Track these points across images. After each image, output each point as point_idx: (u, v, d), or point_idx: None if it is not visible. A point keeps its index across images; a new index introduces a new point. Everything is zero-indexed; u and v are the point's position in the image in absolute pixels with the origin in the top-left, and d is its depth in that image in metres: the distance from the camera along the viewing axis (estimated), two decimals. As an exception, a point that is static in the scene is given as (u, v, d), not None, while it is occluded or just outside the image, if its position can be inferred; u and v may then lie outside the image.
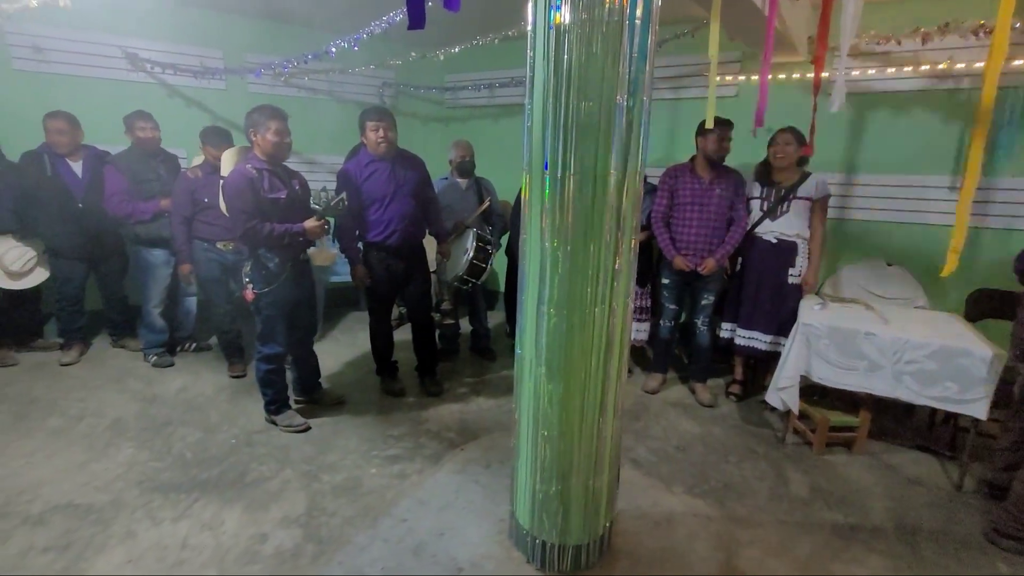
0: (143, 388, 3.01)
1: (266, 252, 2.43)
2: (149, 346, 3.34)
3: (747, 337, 3.01)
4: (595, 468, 1.68)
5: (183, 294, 3.39)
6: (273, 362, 2.59)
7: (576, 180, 1.44)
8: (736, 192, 2.89)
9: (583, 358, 1.56)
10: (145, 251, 3.22)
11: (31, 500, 2.03)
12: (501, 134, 4.67)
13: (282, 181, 2.46)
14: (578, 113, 1.39)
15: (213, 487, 2.16)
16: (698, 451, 2.59)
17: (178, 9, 3.74)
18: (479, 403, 3.03)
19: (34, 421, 2.61)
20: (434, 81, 4.74)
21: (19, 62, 3.39)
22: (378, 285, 2.92)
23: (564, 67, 1.36)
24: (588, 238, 1.47)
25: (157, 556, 1.78)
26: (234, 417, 2.73)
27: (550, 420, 1.62)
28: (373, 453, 2.47)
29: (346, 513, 2.05)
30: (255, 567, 1.76)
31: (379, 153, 2.72)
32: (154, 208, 3.11)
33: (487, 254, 3.23)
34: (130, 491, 2.11)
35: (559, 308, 1.53)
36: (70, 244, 3.13)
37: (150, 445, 2.45)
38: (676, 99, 3.81)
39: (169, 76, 3.81)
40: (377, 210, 2.79)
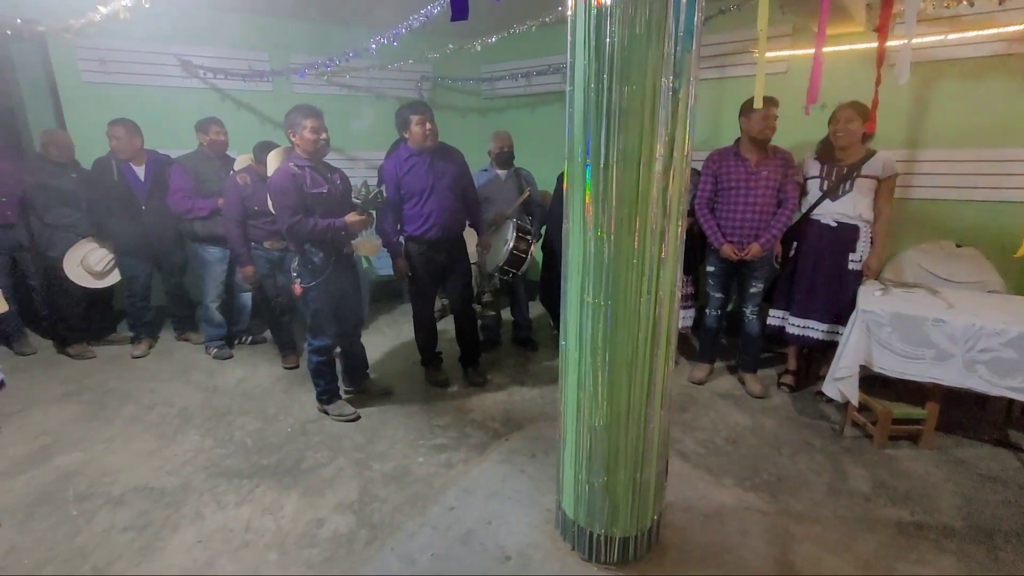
0: (206, 379, 3.19)
1: (311, 247, 2.52)
2: (209, 339, 3.53)
3: (801, 326, 2.87)
4: (642, 460, 1.65)
5: (239, 289, 3.57)
6: (323, 354, 2.69)
7: (619, 167, 1.40)
8: (785, 173, 2.75)
9: (629, 349, 1.54)
10: (202, 248, 3.39)
11: (112, 482, 2.20)
12: (539, 123, 4.63)
13: (323, 177, 2.53)
14: (621, 98, 1.36)
15: (272, 473, 2.27)
16: (749, 443, 2.51)
17: (227, 15, 3.88)
18: (522, 393, 3.05)
19: (111, 410, 2.82)
20: (471, 72, 4.74)
21: (87, 74, 3.62)
22: (419, 278, 2.97)
23: (605, 50, 1.33)
24: (632, 227, 1.44)
25: (224, 538, 1.90)
26: (289, 407, 2.86)
27: (595, 411, 1.60)
28: (420, 442, 2.53)
29: (396, 500, 2.11)
30: (313, 550, 1.84)
31: (425, 146, 2.75)
32: (212, 205, 3.28)
33: (528, 244, 3.23)
34: (197, 476, 2.25)
35: (603, 298, 1.51)
36: (136, 244, 3.34)
37: (214, 433, 2.60)
38: (720, 79, 3.66)
39: (220, 81, 3.98)
40: (416, 204, 2.82)
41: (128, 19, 2.46)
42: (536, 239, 3.40)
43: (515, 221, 3.24)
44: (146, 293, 3.52)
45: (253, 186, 3.07)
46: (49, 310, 3.50)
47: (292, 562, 1.79)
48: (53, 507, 2.04)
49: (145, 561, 1.78)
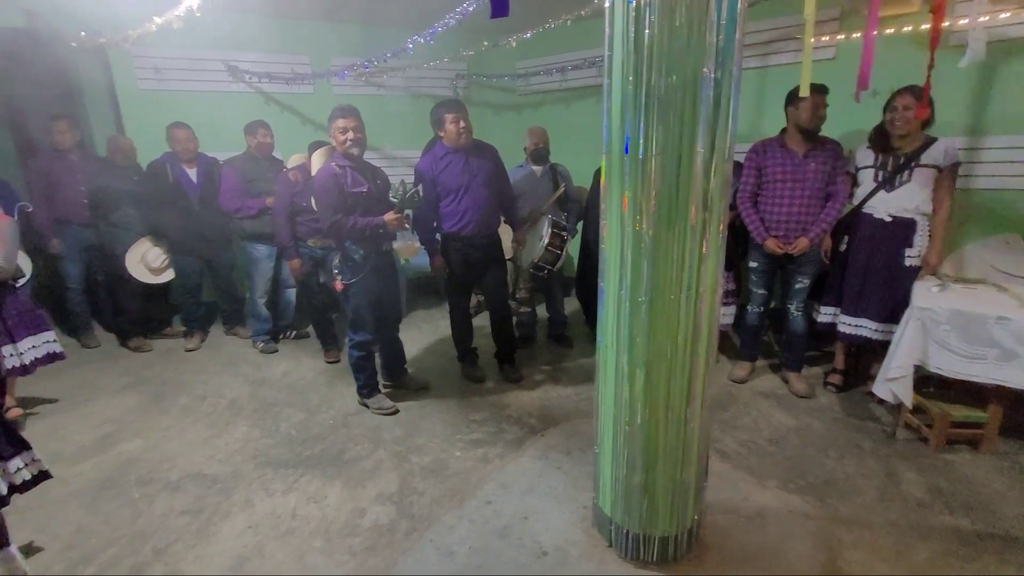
0: (253, 372, 3.33)
1: (352, 245, 2.58)
2: (256, 334, 3.68)
3: (852, 324, 2.75)
4: (682, 459, 1.62)
5: (284, 286, 3.70)
6: (363, 348, 2.76)
7: (658, 161, 1.38)
8: (835, 164, 2.64)
9: (668, 346, 1.51)
10: (250, 246, 3.54)
11: (169, 469, 2.33)
12: (574, 118, 4.59)
13: (364, 176, 2.59)
14: (659, 90, 1.33)
15: (316, 463, 2.36)
16: (793, 444, 2.43)
17: (270, 21, 4.02)
18: (558, 390, 3.04)
19: (168, 400, 2.98)
20: (505, 69, 4.75)
21: (143, 82, 3.82)
22: (456, 274, 3.00)
23: (644, 41, 1.30)
24: (672, 221, 1.41)
25: (272, 524, 1.98)
26: (331, 400, 2.95)
27: (633, 409, 1.59)
28: (457, 437, 2.56)
29: (434, 493, 2.15)
30: (356, 539, 1.90)
31: (460, 144, 2.77)
32: (259, 205, 3.41)
33: (563, 240, 3.22)
34: (247, 464, 2.36)
35: (641, 294, 1.49)
36: (189, 242, 3.52)
37: (261, 424, 2.71)
38: (763, 67, 3.53)
39: (264, 84, 4.12)
40: (452, 201, 2.85)
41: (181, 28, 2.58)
42: (572, 235, 3.38)
43: (550, 217, 3.23)
44: (198, 289, 3.69)
45: (303, 183, 3.18)
46: (112, 305, 3.74)
47: (336, 549, 1.85)
48: (117, 491, 2.18)
49: (200, 544, 1.88)
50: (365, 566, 1.77)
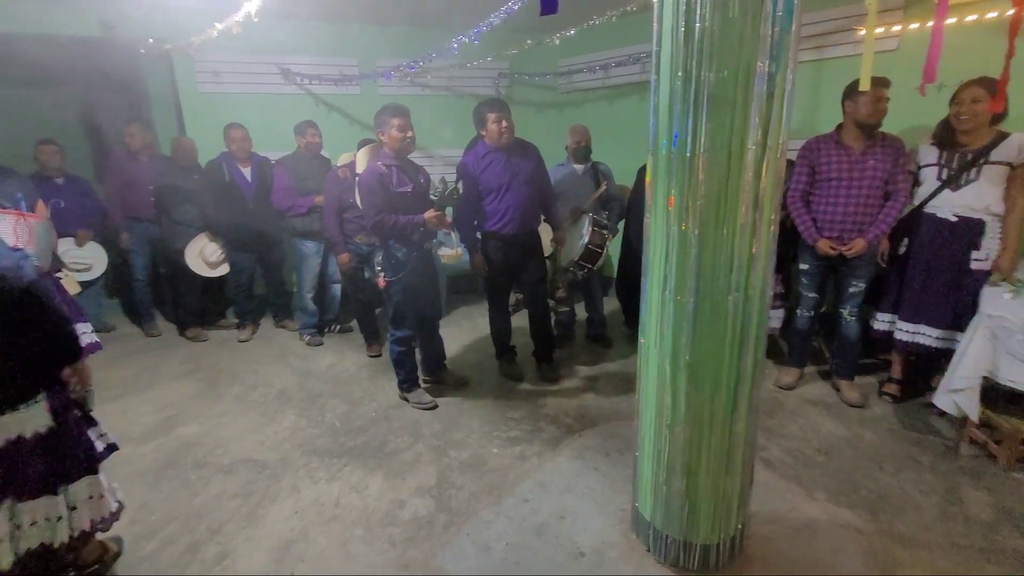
0: (300, 364, 3.46)
1: (395, 243, 2.64)
2: (303, 327, 3.82)
3: (911, 331, 2.60)
4: (726, 466, 1.58)
5: (330, 281, 3.83)
6: (404, 344, 2.82)
7: (707, 158, 1.34)
8: (896, 162, 2.49)
9: (714, 350, 1.47)
10: (300, 243, 3.67)
11: (223, 453, 2.45)
12: (618, 115, 4.53)
13: (408, 176, 2.64)
14: (710, 85, 1.30)
15: (358, 454, 2.43)
16: (845, 456, 2.32)
17: (319, 25, 4.15)
18: (596, 390, 3.02)
19: (222, 388, 3.13)
20: (547, 67, 4.73)
21: (203, 85, 4.02)
22: (495, 273, 3.02)
23: (695, 36, 1.27)
24: (721, 221, 1.38)
25: (317, 511, 2.05)
26: (373, 393, 3.03)
27: (676, 413, 1.55)
28: (495, 434, 2.58)
29: (472, 488, 2.17)
30: (396, 529, 1.95)
31: (501, 143, 2.79)
32: (308, 203, 3.54)
33: (603, 239, 3.18)
34: (294, 452, 2.45)
35: (687, 296, 1.45)
36: (243, 238, 3.68)
37: (307, 414, 2.81)
38: (818, 60, 3.38)
39: (314, 86, 4.26)
40: (493, 200, 2.87)
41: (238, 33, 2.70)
42: (613, 234, 3.34)
43: (591, 216, 3.20)
44: (250, 283, 3.87)
45: (350, 180, 3.28)
46: (173, 296, 3.97)
47: (376, 538, 1.90)
48: (176, 472, 2.31)
49: (250, 526, 1.97)
50: (405, 556, 1.81)
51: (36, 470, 1.45)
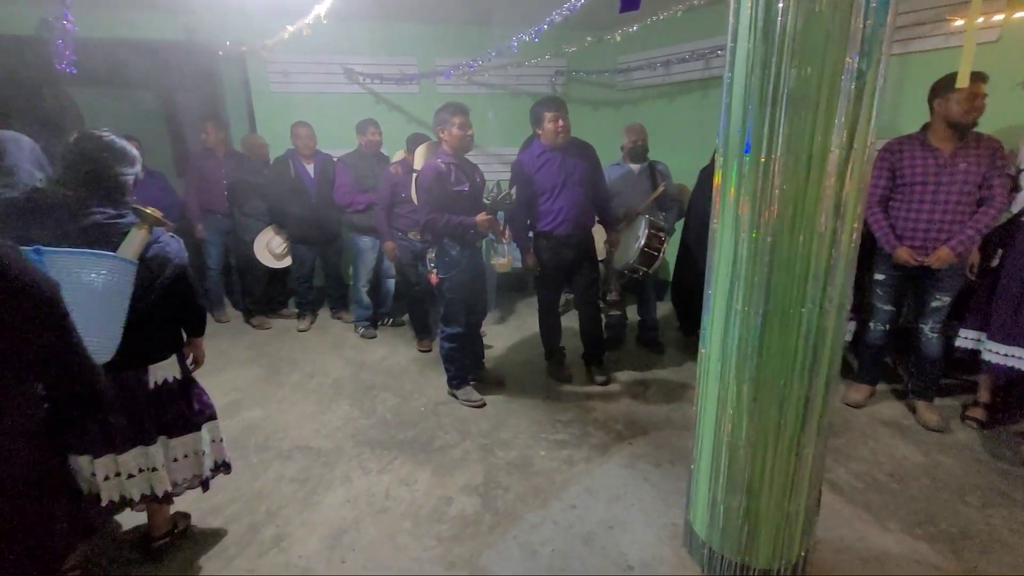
0: (354, 355, 3.57)
1: (448, 241, 2.66)
2: (358, 319, 3.94)
3: (1002, 353, 2.36)
4: (791, 487, 1.49)
5: (385, 276, 3.93)
6: (455, 340, 2.84)
7: (784, 161, 1.26)
8: (992, 165, 2.26)
9: (783, 364, 1.39)
10: (357, 238, 3.79)
11: (282, 438, 2.56)
12: (678, 114, 4.38)
13: (466, 174, 2.66)
14: (791, 82, 1.21)
15: (408, 448, 2.47)
16: (921, 484, 2.14)
17: (381, 25, 4.25)
18: (648, 397, 2.93)
19: (283, 375, 3.28)
20: (606, 64, 4.64)
21: (274, 85, 4.22)
22: (547, 273, 2.99)
23: (776, 30, 1.19)
24: (796, 228, 1.29)
25: (367, 501, 2.10)
26: (423, 387, 3.08)
27: (738, 428, 1.48)
28: (542, 436, 2.56)
29: (518, 490, 2.16)
30: (443, 526, 1.96)
31: (557, 143, 2.76)
32: (367, 200, 3.65)
33: (660, 242, 3.08)
34: (347, 442, 2.53)
35: (756, 306, 1.38)
36: (305, 232, 3.84)
37: (360, 405, 2.89)
38: (903, 54, 3.12)
39: (376, 85, 4.38)
40: (548, 200, 2.84)
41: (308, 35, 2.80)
42: (669, 236, 3.23)
43: (647, 218, 3.11)
44: (311, 275, 4.03)
45: (403, 176, 3.35)
46: (241, 285, 4.20)
47: (424, 533, 1.93)
48: (240, 453, 2.44)
49: (306, 511, 2.05)
50: (451, 554, 1.83)
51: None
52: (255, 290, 4.11)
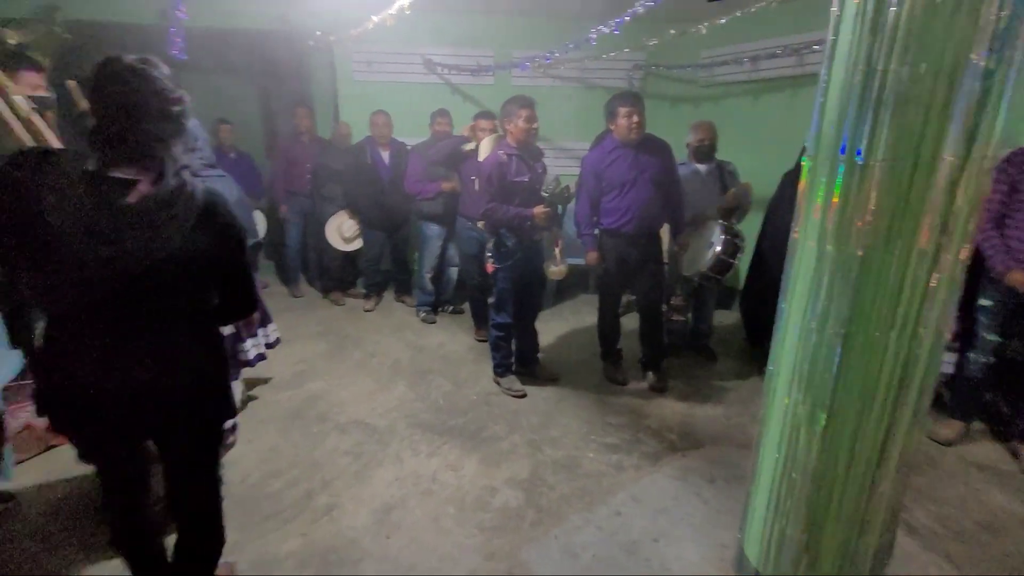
0: (414, 338, 3.67)
1: (506, 231, 2.68)
2: (420, 304, 4.05)
3: None
4: (861, 524, 1.36)
5: (448, 264, 4.01)
6: (503, 330, 2.87)
7: (885, 168, 1.13)
8: None
9: (863, 391, 1.26)
10: (425, 225, 3.88)
11: (340, 412, 2.69)
12: (762, 113, 4.12)
13: (527, 165, 2.66)
14: (900, 82, 1.09)
15: (458, 435, 2.51)
16: (1019, 539, 1.90)
17: (461, 16, 4.30)
18: (705, 408, 2.81)
19: (346, 352, 3.44)
20: (687, 58, 4.43)
21: (357, 74, 4.39)
22: (609, 271, 2.93)
23: (888, 22, 1.07)
24: (892, 242, 1.16)
25: (414, 481, 2.16)
26: (477, 377, 3.12)
27: (806, 456, 1.37)
28: (592, 437, 2.52)
29: (564, 490, 2.14)
30: (486, 515, 1.98)
31: (630, 139, 2.68)
32: (436, 189, 3.72)
33: (736, 249, 2.91)
34: (400, 422, 2.61)
35: (835, 325, 1.26)
36: (377, 217, 3.99)
37: (415, 388, 2.97)
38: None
39: (453, 76, 4.44)
40: (615, 197, 2.78)
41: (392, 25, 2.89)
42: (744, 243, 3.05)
43: (722, 223, 2.95)
44: (379, 259, 4.19)
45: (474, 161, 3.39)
46: (317, 263, 4.43)
47: (467, 520, 1.95)
48: (302, 421, 2.59)
49: (357, 484, 2.14)
50: (491, 544, 1.84)
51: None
52: (333, 268, 4.34)
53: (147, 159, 1.09)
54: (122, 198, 1.06)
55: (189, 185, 1.14)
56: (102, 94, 1.06)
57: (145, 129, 1.07)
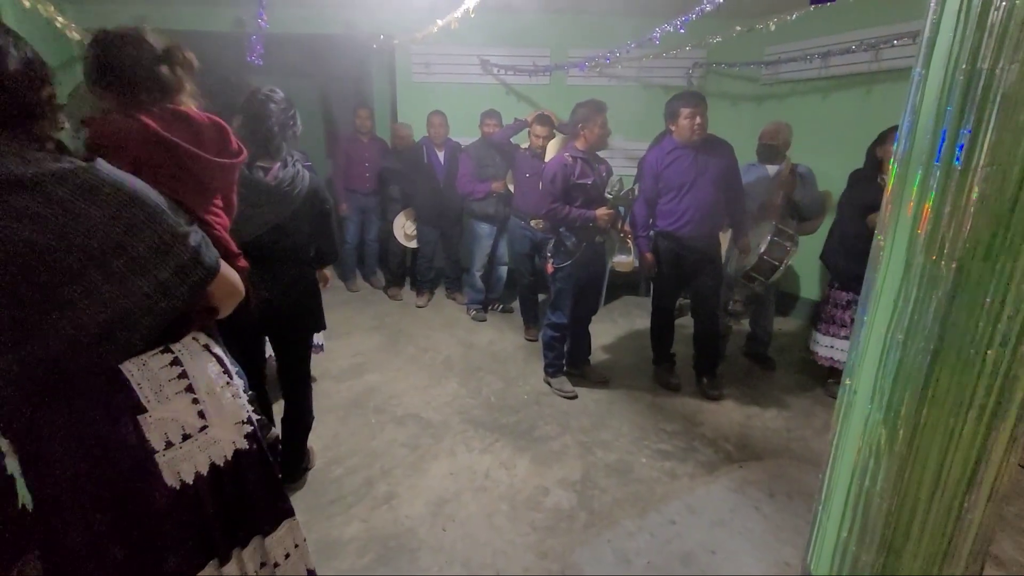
0: (465, 335, 3.73)
1: (566, 232, 2.68)
2: (470, 302, 4.11)
3: None
4: (945, 554, 1.28)
5: (498, 262, 4.05)
6: (558, 330, 2.87)
7: (988, 174, 1.06)
8: None
9: (953, 412, 1.18)
10: (476, 224, 3.93)
11: (396, 405, 2.77)
12: (832, 112, 3.91)
13: (591, 168, 2.64)
14: (1008, 81, 1.01)
15: (510, 433, 2.54)
16: (1126, 581, 1.73)
17: (517, 16, 4.31)
18: (763, 419, 2.71)
19: (400, 346, 3.54)
20: (751, 55, 4.27)
21: (416, 76, 4.50)
22: (665, 274, 2.88)
23: (1000, 16, 1.00)
24: (993, 254, 1.08)
25: (469, 477, 2.20)
26: (527, 376, 3.13)
27: (885, 477, 1.29)
28: (644, 442, 2.48)
29: (616, 494, 2.12)
30: (538, 515, 2.00)
31: (691, 140, 2.62)
32: (487, 189, 3.77)
33: (784, 251, 2.80)
34: (454, 417, 2.66)
35: (924, 340, 1.19)
36: (431, 215, 4.08)
37: (467, 384, 3.02)
38: None
39: (509, 76, 4.47)
40: (673, 199, 2.72)
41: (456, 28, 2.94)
42: (796, 246, 2.92)
43: (775, 224, 2.84)
44: (432, 256, 4.28)
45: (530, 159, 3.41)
46: (379, 259, 4.60)
47: (520, 519, 1.97)
48: (360, 412, 2.69)
49: (414, 476, 2.20)
50: (544, 544, 1.85)
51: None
52: (393, 264, 4.48)
53: (276, 154, 1.69)
54: (264, 178, 1.65)
55: (301, 171, 1.76)
56: (249, 115, 1.65)
57: (274, 136, 1.66)
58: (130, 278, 0.86)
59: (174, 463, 0.98)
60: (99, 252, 0.83)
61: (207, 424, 1.02)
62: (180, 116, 1.07)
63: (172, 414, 0.98)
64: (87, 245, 0.82)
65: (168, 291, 0.90)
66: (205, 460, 1.02)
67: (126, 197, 0.86)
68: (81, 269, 0.82)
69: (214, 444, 1.04)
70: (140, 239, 0.87)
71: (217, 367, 1.07)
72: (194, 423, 1.01)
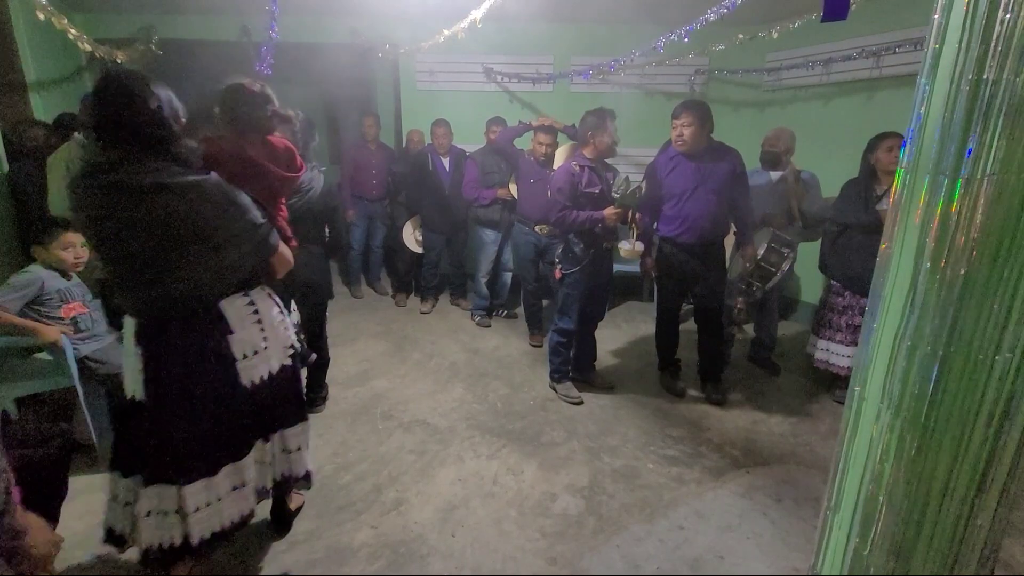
0: (470, 341, 3.74)
1: (575, 237, 2.69)
2: (475, 308, 4.13)
3: None
4: (954, 559, 1.29)
5: (503, 269, 4.06)
6: (565, 335, 2.88)
7: (996, 182, 1.08)
8: None
9: (961, 417, 1.19)
10: (481, 230, 3.95)
11: (403, 411, 2.78)
12: (833, 118, 3.94)
13: (599, 176, 2.66)
14: (1015, 93, 1.03)
15: (516, 439, 2.54)
16: None
17: (520, 24, 4.34)
18: (769, 424, 2.71)
19: (406, 352, 3.55)
20: (753, 62, 4.30)
21: (420, 84, 4.54)
22: (667, 280, 2.89)
23: (1007, 26, 1.02)
24: (1001, 261, 1.10)
25: (477, 483, 2.21)
26: (533, 381, 3.14)
27: (894, 480, 1.30)
28: (651, 448, 2.49)
29: (624, 499, 2.12)
30: (546, 520, 2.00)
31: (680, 150, 2.68)
32: (492, 195, 3.79)
33: (781, 257, 2.83)
34: (460, 423, 2.67)
35: (933, 346, 1.20)
36: (436, 221, 4.10)
37: (473, 390, 3.03)
38: None
39: (512, 84, 4.51)
40: (675, 205, 2.74)
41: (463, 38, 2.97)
42: (794, 253, 2.93)
43: (773, 231, 2.87)
44: (437, 262, 4.29)
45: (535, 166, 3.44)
46: (386, 265, 4.61)
47: (528, 524, 1.98)
48: (368, 418, 2.69)
49: (422, 481, 2.21)
50: (553, 550, 1.86)
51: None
52: (400, 270, 4.50)
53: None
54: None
55: (318, 173, 2.23)
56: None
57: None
58: (225, 249, 1.38)
59: (247, 370, 1.50)
60: (209, 233, 1.33)
61: (267, 345, 1.55)
62: (267, 143, 1.60)
63: (247, 336, 1.49)
64: (202, 229, 1.32)
65: (247, 259, 1.44)
66: (266, 369, 1.55)
67: (227, 200, 1.35)
68: (197, 242, 1.33)
69: (271, 359, 1.56)
70: (233, 226, 1.37)
71: (276, 308, 1.60)
72: (260, 343, 1.53)
